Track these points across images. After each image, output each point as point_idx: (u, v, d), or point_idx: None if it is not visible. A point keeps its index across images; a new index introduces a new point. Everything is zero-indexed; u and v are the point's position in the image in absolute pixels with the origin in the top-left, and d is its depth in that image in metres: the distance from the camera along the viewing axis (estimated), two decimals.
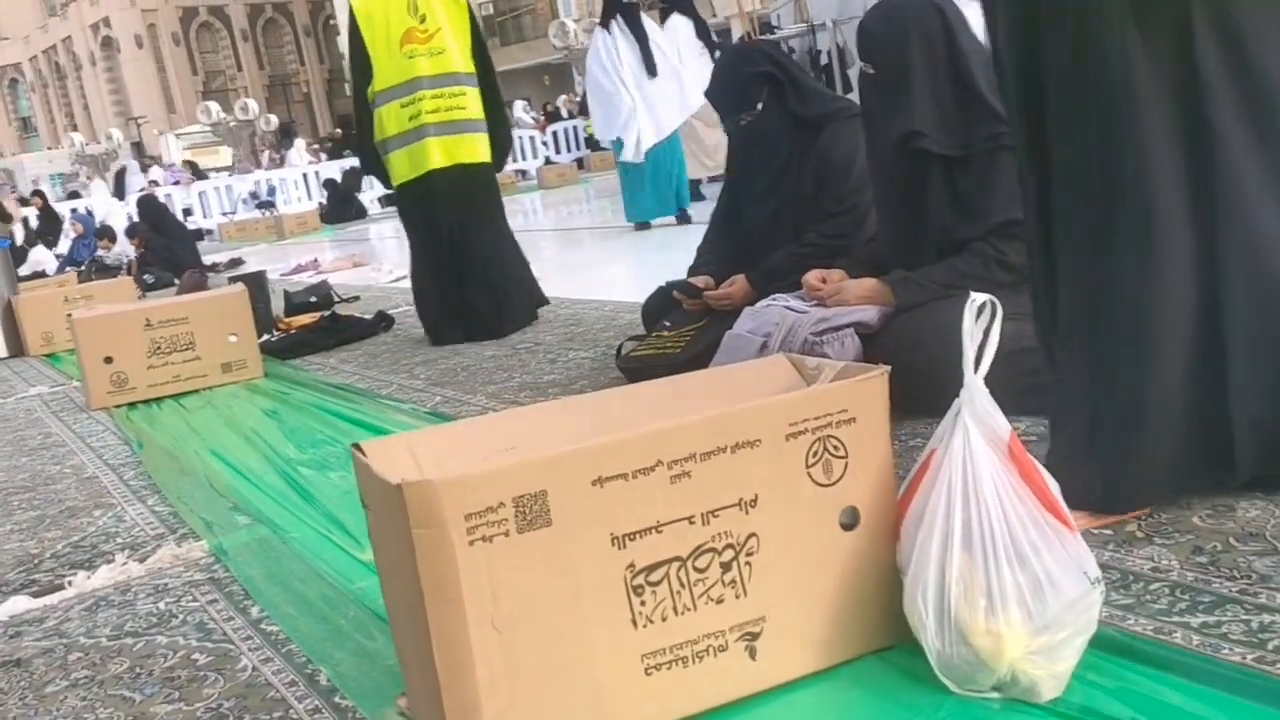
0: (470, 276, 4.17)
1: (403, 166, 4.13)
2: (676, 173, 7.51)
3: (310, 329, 4.91)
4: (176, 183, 18.29)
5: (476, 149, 4.14)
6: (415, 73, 4.02)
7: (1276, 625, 1.23)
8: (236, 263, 10.33)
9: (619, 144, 7.41)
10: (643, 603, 1.22)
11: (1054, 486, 1.24)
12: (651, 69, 7.27)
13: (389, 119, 4.08)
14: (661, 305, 3.11)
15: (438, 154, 4.06)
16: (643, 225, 7.56)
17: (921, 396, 1.76)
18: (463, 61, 4.10)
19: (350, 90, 4.29)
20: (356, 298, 5.98)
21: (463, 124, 4.11)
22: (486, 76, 4.22)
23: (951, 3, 2.32)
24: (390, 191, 4.44)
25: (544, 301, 4.42)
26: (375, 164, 4.24)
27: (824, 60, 9.56)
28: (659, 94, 7.24)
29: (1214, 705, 1.12)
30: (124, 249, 11.07)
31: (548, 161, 17.65)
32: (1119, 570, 1.41)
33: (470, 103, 4.12)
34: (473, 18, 4.20)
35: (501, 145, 4.29)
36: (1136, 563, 1.43)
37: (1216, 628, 1.25)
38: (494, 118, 4.23)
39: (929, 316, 2.18)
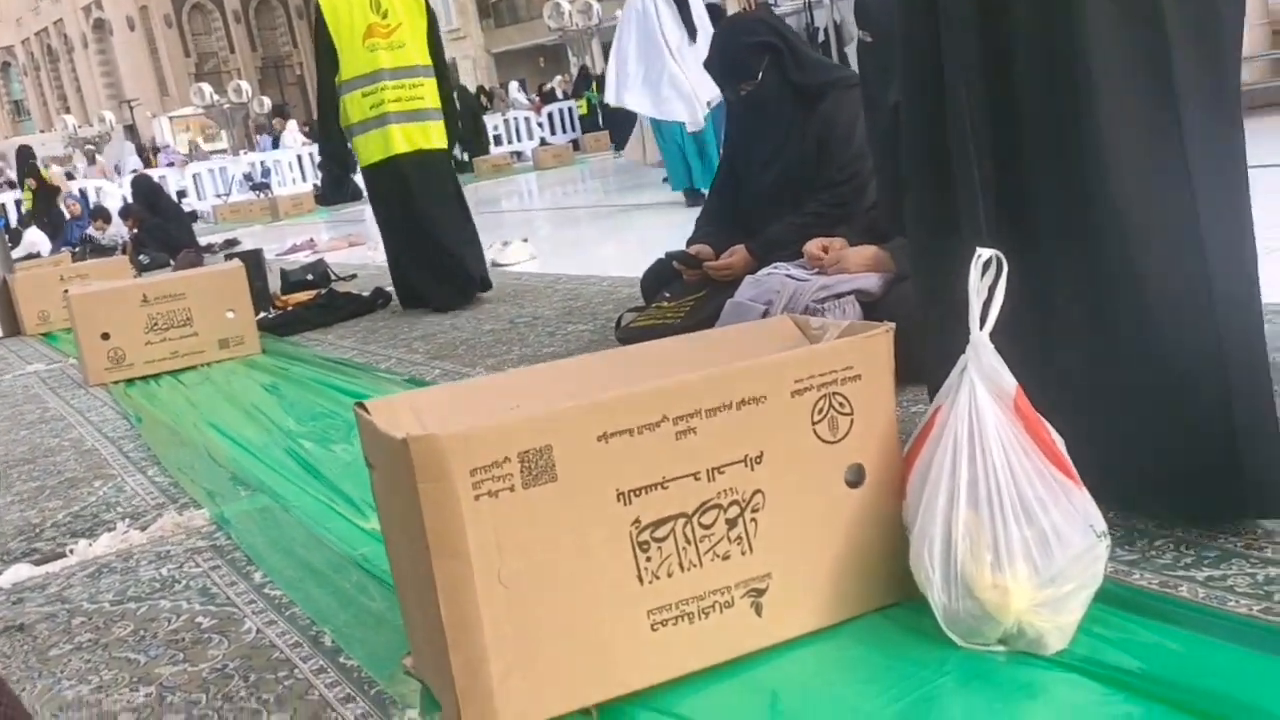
0: (433, 252, 4.46)
1: (369, 149, 4.38)
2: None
3: (308, 306, 4.90)
4: (171, 164, 18.22)
5: (433, 136, 4.44)
6: (377, 65, 4.30)
7: None
8: (232, 243, 10.27)
9: (662, 125, 6.98)
10: (648, 559, 1.22)
11: (1059, 441, 1.24)
12: (693, 33, 7.18)
13: (353, 106, 4.35)
14: (661, 277, 3.10)
15: (400, 139, 4.35)
16: (695, 194, 6.88)
17: (924, 362, 1.76)
18: (420, 55, 4.40)
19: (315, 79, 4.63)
20: (354, 275, 5.96)
21: (422, 113, 4.41)
22: (440, 69, 4.51)
23: None
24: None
25: (487, 286, 4.63)
26: (339, 148, 4.59)
27: (820, 37, 9.53)
28: (699, 60, 7.11)
29: (1219, 655, 1.12)
30: (119, 230, 11.03)
31: (543, 143, 17.59)
32: (1123, 527, 1.41)
33: (428, 93, 4.43)
34: (430, 14, 4.49)
35: (452, 133, 4.60)
36: (1140, 519, 1.43)
37: (1222, 581, 1.26)
38: (446, 108, 4.54)
39: None
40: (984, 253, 1.23)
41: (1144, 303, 1.37)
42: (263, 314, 4.74)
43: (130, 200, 10.75)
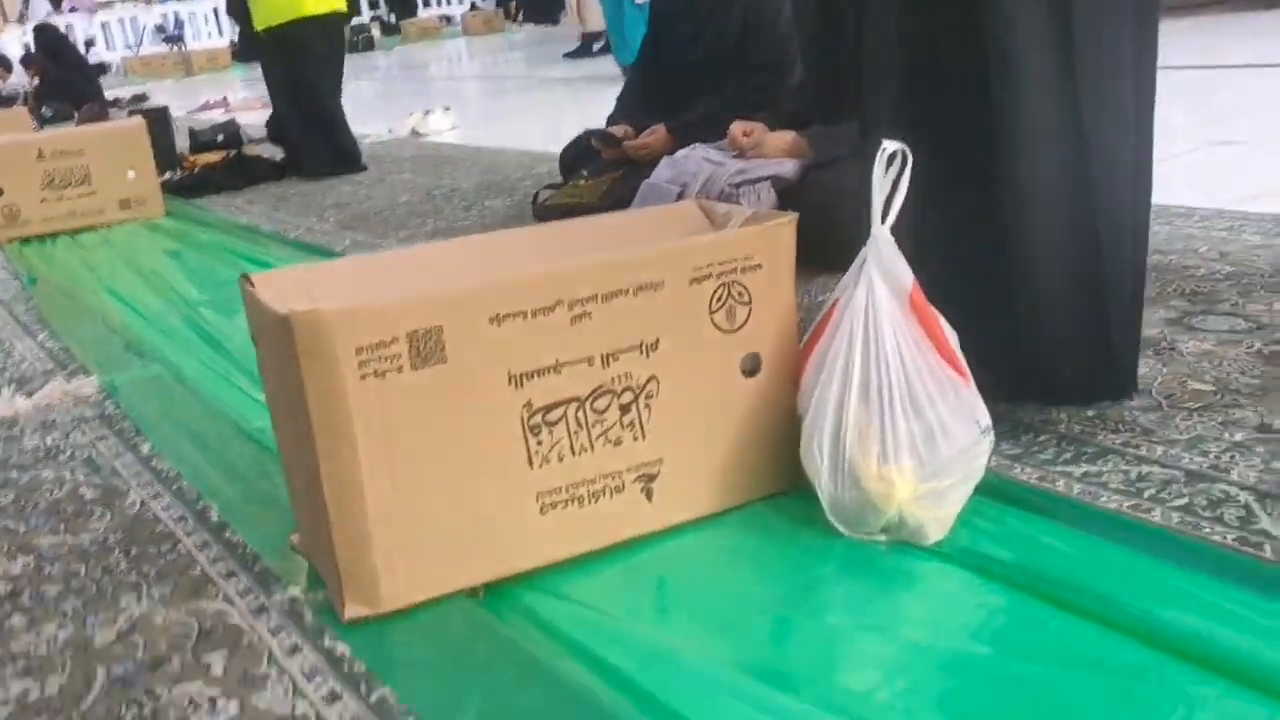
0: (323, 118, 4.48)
1: (266, 11, 4.26)
2: None
3: (216, 168, 4.73)
4: (75, 10, 17.31)
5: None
6: None
7: (1153, 475, 1.27)
8: (140, 99, 9.84)
9: None
10: (539, 442, 1.22)
11: (952, 337, 1.25)
12: None
13: None
14: (580, 154, 3.05)
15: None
16: None
17: (835, 251, 1.75)
18: None
19: None
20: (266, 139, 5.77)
21: None
22: None
23: None
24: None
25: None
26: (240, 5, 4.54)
27: None
28: None
29: (1090, 549, 1.16)
30: (20, 80, 10.51)
31: (473, 7, 17.04)
32: (1010, 421, 1.44)
33: None
34: None
35: None
36: (1027, 414, 1.46)
37: (1097, 477, 1.29)
38: None
39: (847, 171, 2.15)
40: (889, 146, 1.21)
41: (1027, 195, 1.39)
42: (168, 175, 4.57)
43: (33, 49, 10.21)
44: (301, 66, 4.35)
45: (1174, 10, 6.31)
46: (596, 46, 8.68)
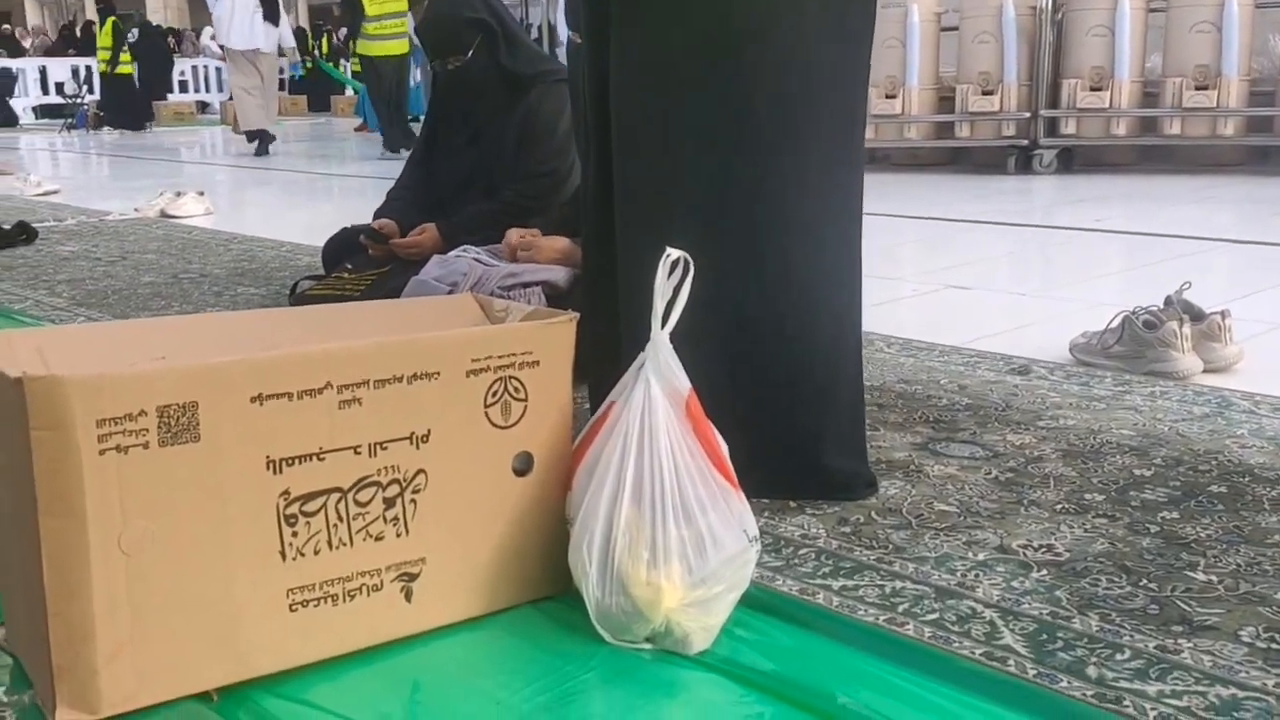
0: None
1: None
2: None
3: None
4: None
5: None
6: None
7: (906, 590, 1.31)
8: None
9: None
10: (294, 534, 1.14)
11: (724, 447, 1.26)
12: None
13: None
14: (344, 248, 2.96)
15: None
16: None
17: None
18: None
19: None
20: None
21: None
22: None
23: None
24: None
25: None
26: None
27: (534, 34, 9.55)
28: None
29: (849, 660, 1.18)
30: None
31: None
32: (772, 535, 1.47)
33: None
34: None
35: None
36: (788, 529, 1.49)
37: (855, 590, 1.32)
38: None
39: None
40: (672, 253, 1.23)
41: (769, 319, 1.56)
42: None
43: None
44: None
45: (910, 167, 6.89)
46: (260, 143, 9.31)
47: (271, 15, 8.93)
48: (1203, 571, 1.35)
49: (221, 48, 9.71)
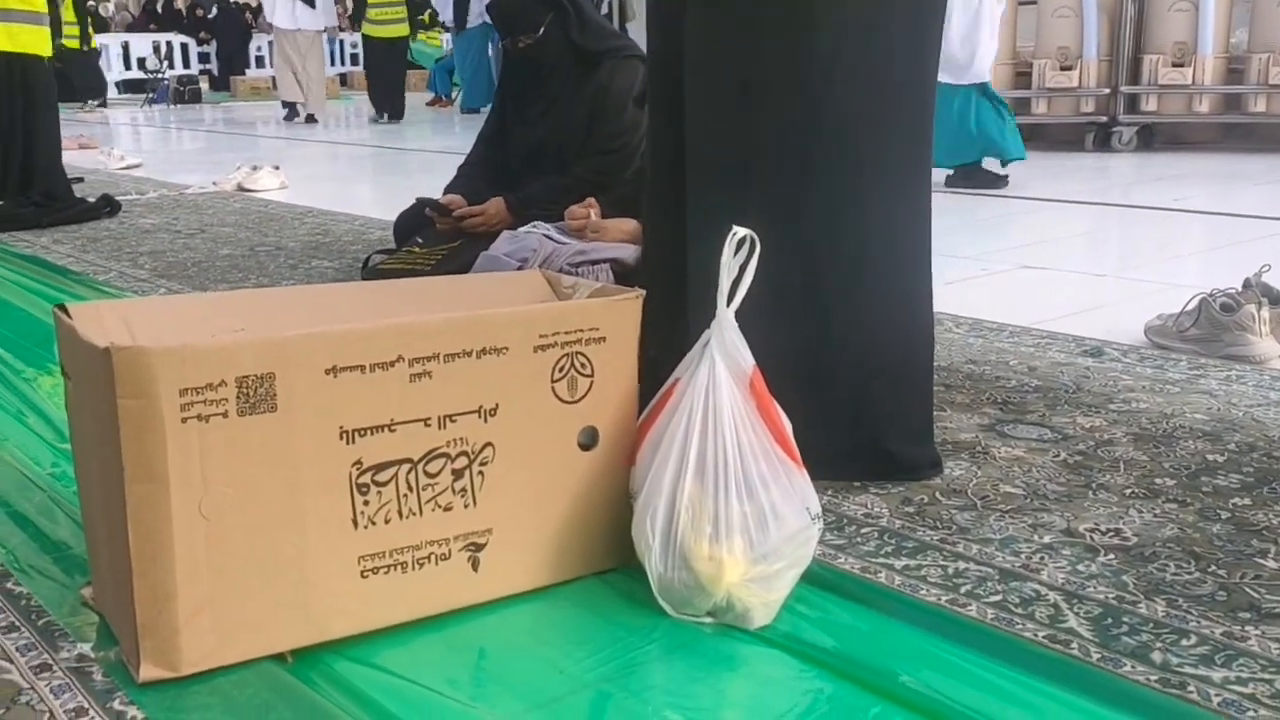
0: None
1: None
2: None
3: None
4: None
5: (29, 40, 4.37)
6: None
7: (969, 571, 1.31)
8: None
9: None
10: (366, 502, 1.17)
11: (787, 424, 1.27)
12: None
13: None
14: (415, 222, 3.00)
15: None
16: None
17: None
18: None
19: None
20: (80, 179, 5.49)
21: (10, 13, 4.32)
22: None
23: None
24: None
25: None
26: None
27: (604, 9, 9.53)
28: None
29: (909, 640, 1.18)
30: None
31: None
32: (835, 513, 1.47)
33: None
34: None
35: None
36: (851, 507, 1.50)
37: (917, 570, 1.32)
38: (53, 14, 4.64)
39: None
40: (739, 231, 1.24)
41: (843, 298, 1.56)
42: None
43: None
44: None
45: None
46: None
47: None
48: (1273, 559, 1.33)
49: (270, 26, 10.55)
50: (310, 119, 10.24)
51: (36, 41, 4.45)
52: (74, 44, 12.51)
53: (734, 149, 1.57)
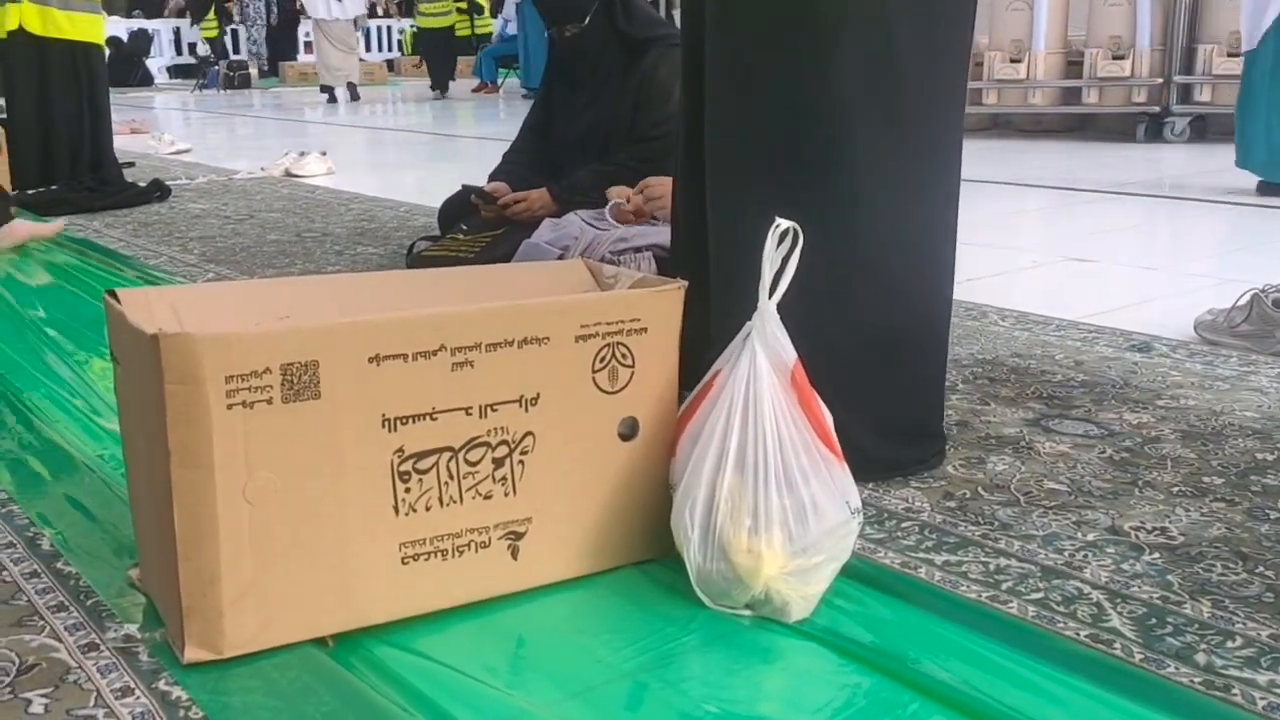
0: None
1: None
2: None
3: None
4: None
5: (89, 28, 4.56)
6: None
7: (1010, 568, 1.30)
8: None
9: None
10: (407, 490, 1.18)
11: (828, 417, 1.26)
12: None
13: None
14: (460, 209, 3.02)
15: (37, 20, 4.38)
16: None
17: None
18: None
19: None
20: (131, 164, 5.57)
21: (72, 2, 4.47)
22: None
23: None
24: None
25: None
26: None
27: None
28: None
29: (949, 636, 1.17)
30: None
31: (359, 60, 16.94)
32: (875, 507, 1.46)
33: None
34: None
35: None
36: (892, 502, 1.49)
37: (957, 566, 1.31)
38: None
39: None
40: (781, 223, 1.23)
41: (876, 288, 1.55)
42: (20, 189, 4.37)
43: None
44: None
45: (1035, 133, 6.70)
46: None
47: None
48: None
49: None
50: (353, 94, 11.55)
51: (94, 29, 4.61)
52: None
53: (750, 138, 1.57)
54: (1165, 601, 1.22)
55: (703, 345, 1.30)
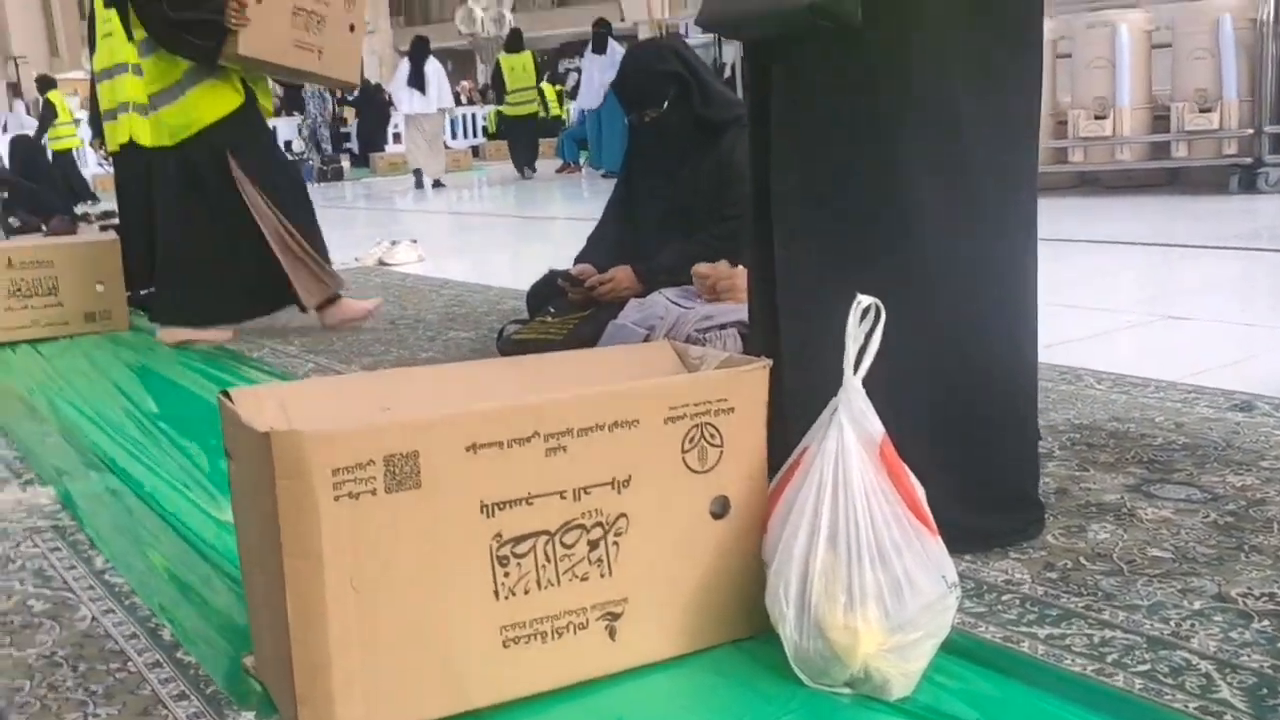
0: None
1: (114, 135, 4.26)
2: None
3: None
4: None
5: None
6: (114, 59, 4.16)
7: (1116, 640, 1.28)
8: (109, 215, 9.88)
9: None
10: (506, 574, 1.21)
11: (920, 491, 1.27)
12: None
13: (102, 93, 4.30)
14: (547, 292, 3.08)
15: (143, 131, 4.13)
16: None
17: None
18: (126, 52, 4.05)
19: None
20: None
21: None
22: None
23: None
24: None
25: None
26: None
27: (726, 73, 9.65)
28: None
29: (1054, 711, 1.16)
30: None
31: (445, 146, 17.42)
32: (974, 580, 1.45)
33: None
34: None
35: None
36: (991, 574, 1.47)
37: (1061, 639, 1.30)
38: None
39: None
40: (863, 299, 1.25)
41: (954, 362, 1.55)
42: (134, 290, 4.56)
43: (6, 161, 10.27)
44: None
45: (1123, 189, 6.61)
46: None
47: (416, 84, 11.40)
48: None
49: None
50: (436, 184, 11.81)
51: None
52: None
53: (815, 218, 1.58)
54: (1277, 670, 1.19)
55: (773, 419, 1.31)
